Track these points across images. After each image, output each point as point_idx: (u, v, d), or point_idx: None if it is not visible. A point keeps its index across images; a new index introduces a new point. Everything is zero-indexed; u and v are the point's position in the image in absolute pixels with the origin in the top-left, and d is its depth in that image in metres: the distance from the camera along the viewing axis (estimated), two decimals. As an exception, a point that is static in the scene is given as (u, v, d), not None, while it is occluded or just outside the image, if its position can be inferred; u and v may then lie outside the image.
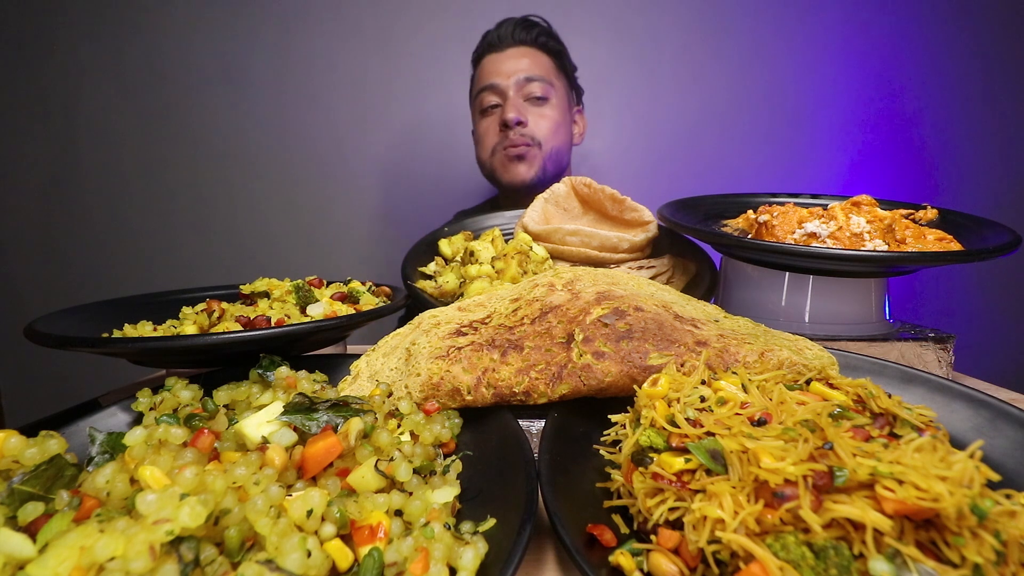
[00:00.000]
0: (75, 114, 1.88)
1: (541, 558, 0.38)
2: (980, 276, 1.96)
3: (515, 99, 1.33)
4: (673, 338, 0.49)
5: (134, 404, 0.48)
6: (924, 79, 1.89)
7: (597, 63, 1.88)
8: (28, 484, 0.33)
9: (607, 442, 0.44)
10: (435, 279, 0.88)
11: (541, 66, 1.36)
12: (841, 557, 0.27)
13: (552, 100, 1.37)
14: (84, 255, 1.95)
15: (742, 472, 0.31)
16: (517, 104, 1.33)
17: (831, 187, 1.92)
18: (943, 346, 0.71)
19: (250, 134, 1.91)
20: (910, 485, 0.28)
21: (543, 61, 1.38)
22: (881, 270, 0.75)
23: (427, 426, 0.45)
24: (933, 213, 0.87)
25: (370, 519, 0.34)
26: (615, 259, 0.95)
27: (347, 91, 1.90)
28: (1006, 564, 0.27)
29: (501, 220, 1.10)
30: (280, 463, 0.35)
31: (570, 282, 0.62)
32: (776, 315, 0.78)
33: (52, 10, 1.84)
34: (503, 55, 1.35)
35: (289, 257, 1.97)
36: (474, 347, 0.51)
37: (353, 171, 1.94)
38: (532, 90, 1.34)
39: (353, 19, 1.86)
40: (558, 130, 1.38)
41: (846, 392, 0.40)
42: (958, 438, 0.44)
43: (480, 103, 1.39)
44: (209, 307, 0.67)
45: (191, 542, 0.29)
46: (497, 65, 1.35)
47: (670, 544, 0.32)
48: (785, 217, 0.83)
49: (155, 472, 0.33)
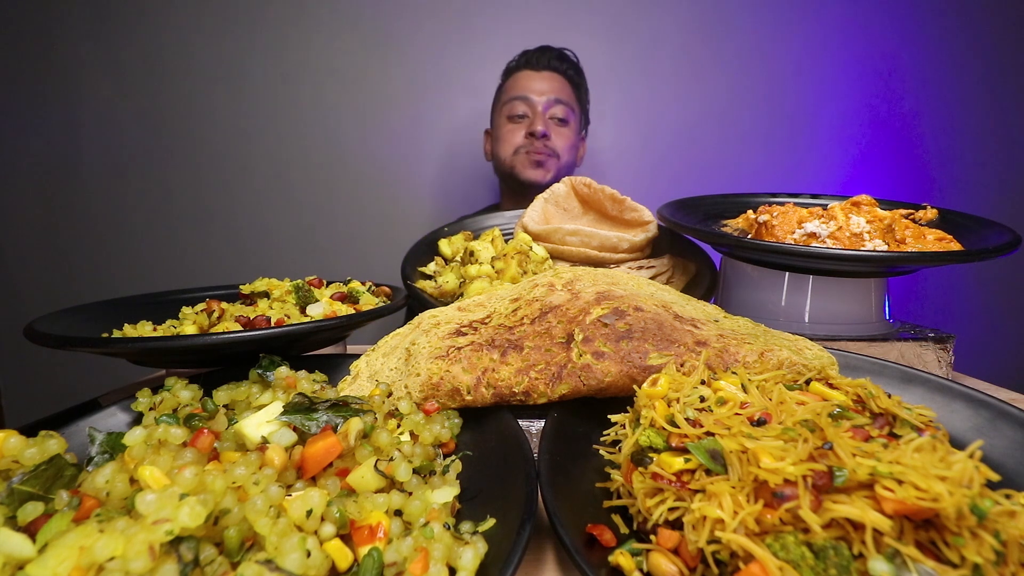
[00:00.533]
0: (75, 114, 1.88)
1: (541, 558, 0.38)
2: (980, 276, 1.96)
3: (543, 116, 1.53)
4: (673, 338, 0.49)
5: (134, 404, 0.48)
6: (924, 79, 1.89)
7: (597, 63, 1.88)
8: (28, 484, 0.33)
9: (607, 442, 0.44)
10: (435, 279, 0.88)
11: (566, 93, 1.58)
12: (841, 557, 0.27)
13: (571, 124, 1.58)
14: (84, 255, 1.94)
15: (742, 472, 0.31)
16: (545, 119, 1.53)
17: (831, 187, 1.92)
18: (943, 346, 0.71)
19: (250, 134, 1.91)
20: (910, 485, 0.28)
21: (568, 90, 1.60)
22: (881, 270, 0.75)
23: (427, 426, 0.45)
24: (933, 213, 0.87)
25: (370, 519, 0.34)
26: (615, 259, 0.95)
27: (347, 91, 1.90)
28: (1006, 564, 0.27)
29: (501, 220, 1.10)
30: (280, 463, 0.35)
31: (570, 282, 0.62)
32: (776, 315, 0.78)
33: (52, 10, 1.84)
34: (539, 75, 1.56)
35: (289, 257, 1.97)
36: (474, 347, 0.51)
37: (353, 171, 1.94)
38: (556, 112, 1.54)
39: (353, 19, 1.86)
40: (571, 149, 1.61)
41: (846, 392, 0.40)
42: (958, 438, 0.44)
43: (510, 109, 1.57)
44: (209, 307, 0.67)
45: (191, 542, 0.29)
46: (532, 82, 1.55)
47: (670, 544, 0.32)
48: (785, 217, 0.83)
49: (155, 472, 0.33)
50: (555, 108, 1.53)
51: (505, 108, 1.57)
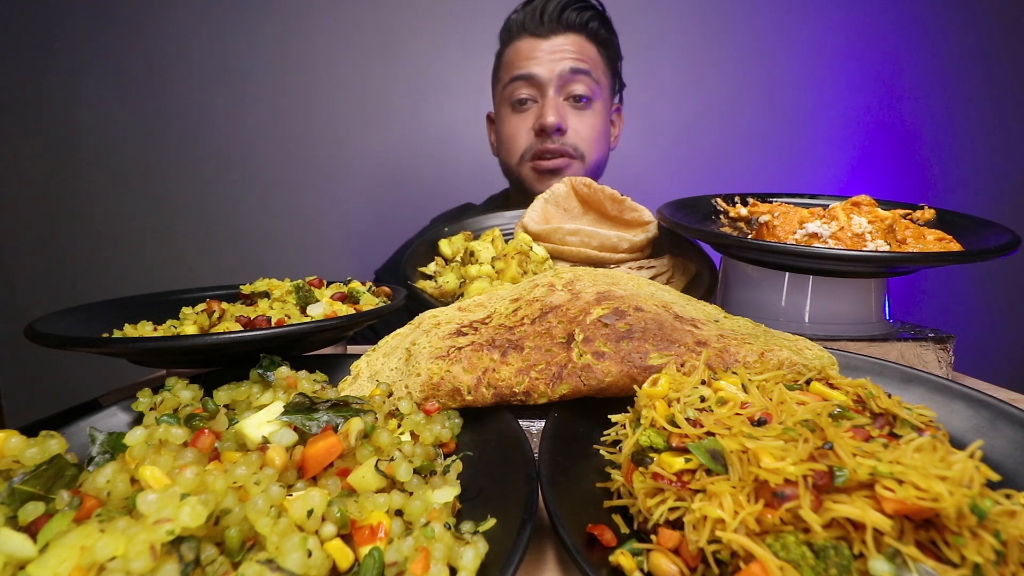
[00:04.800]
0: (75, 113, 1.88)
1: (541, 558, 0.38)
2: (980, 276, 1.96)
3: (555, 98, 1.11)
4: (673, 338, 0.49)
5: (134, 404, 0.48)
6: (924, 79, 1.89)
7: (597, 63, 1.88)
8: (28, 484, 0.33)
9: (607, 442, 0.44)
10: (435, 279, 0.88)
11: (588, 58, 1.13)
12: (841, 557, 0.27)
13: (596, 104, 1.16)
14: (84, 255, 1.94)
15: (742, 472, 0.31)
16: (557, 105, 1.11)
17: (831, 187, 1.92)
18: (943, 346, 0.71)
19: (250, 134, 1.91)
20: (910, 485, 0.28)
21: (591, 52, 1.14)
22: (881, 270, 0.75)
23: (427, 426, 0.45)
24: (931, 213, 0.87)
25: (370, 519, 0.34)
26: (615, 259, 0.95)
27: (347, 91, 1.90)
28: (1006, 564, 0.27)
29: (501, 220, 1.10)
30: (280, 463, 0.35)
31: (570, 282, 0.62)
32: (776, 315, 0.78)
33: (52, 10, 1.84)
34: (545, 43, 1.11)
35: (289, 257, 1.97)
36: (474, 347, 0.51)
37: (353, 171, 1.94)
38: (575, 88, 1.12)
39: (353, 19, 1.86)
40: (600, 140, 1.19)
41: (846, 392, 0.40)
42: (958, 438, 0.44)
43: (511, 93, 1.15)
44: (209, 307, 0.67)
45: (191, 542, 0.29)
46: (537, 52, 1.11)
47: (670, 544, 0.32)
48: (786, 217, 0.83)
49: (155, 472, 0.33)
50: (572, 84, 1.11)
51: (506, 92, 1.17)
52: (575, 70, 1.10)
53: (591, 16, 1.13)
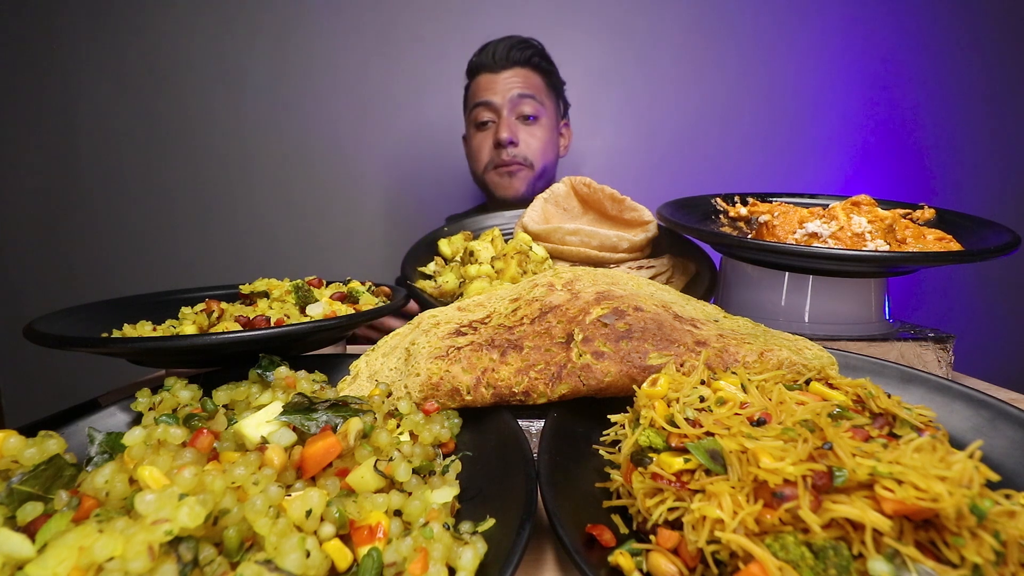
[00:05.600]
0: (75, 114, 1.88)
1: (540, 558, 0.38)
2: (980, 276, 1.96)
3: (508, 118, 1.43)
4: (673, 338, 0.49)
5: (133, 404, 0.48)
6: (924, 79, 1.89)
7: (597, 63, 1.88)
8: (27, 484, 0.33)
9: (606, 442, 0.44)
10: (435, 279, 0.88)
11: (533, 85, 1.46)
12: (840, 557, 0.27)
13: (542, 120, 1.47)
14: (84, 255, 1.94)
15: (741, 472, 0.31)
16: (510, 123, 1.43)
17: (831, 187, 1.92)
18: (943, 346, 0.71)
19: (250, 134, 1.91)
20: (909, 485, 0.28)
21: (535, 81, 1.47)
22: (882, 270, 0.75)
23: (426, 426, 0.45)
24: (930, 213, 0.87)
25: (369, 519, 0.34)
26: (615, 259, 0.95)
27: (347, 92, 1.90)
28: (1005, 564, 0.27)
29: (501, 220, 1.10)
30: (279, 463, 0.35)
31: (570, 282, 0.62)
32: (776, 315, 0.78)
33: (52, 10, 1.84)
34: (498, 76, 1.44)
35: (289, 257, 1.97)
36: (473, 347, 0.51)
37: (353, 171, 1.94)
38: (524, 109, 1.43)
39: (353, 20, 1.86)
40: (547, 149, 1.50)
41: (846, 392, 0.40)
42: (958, 438, 0.44)
43: (475, 117, 1.49)
44: (208, 307, 0.67)
45: (190, 542, 0.28)
46: (492, 84, 1.44)
47: (669, 544, 0.32)
48: (786, 217, 0.83)
49: (154, 472, 0.33)
50: (521, 105, 1.43)
51: (472, 115, 1.50)
52: (522, 95, 1.43)
53: (532, 53, 1.47)
